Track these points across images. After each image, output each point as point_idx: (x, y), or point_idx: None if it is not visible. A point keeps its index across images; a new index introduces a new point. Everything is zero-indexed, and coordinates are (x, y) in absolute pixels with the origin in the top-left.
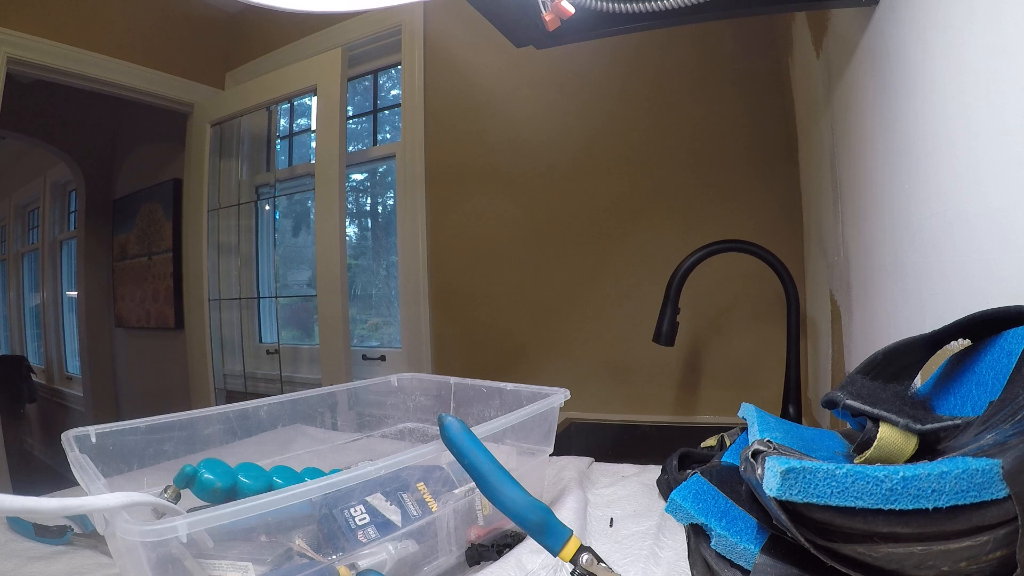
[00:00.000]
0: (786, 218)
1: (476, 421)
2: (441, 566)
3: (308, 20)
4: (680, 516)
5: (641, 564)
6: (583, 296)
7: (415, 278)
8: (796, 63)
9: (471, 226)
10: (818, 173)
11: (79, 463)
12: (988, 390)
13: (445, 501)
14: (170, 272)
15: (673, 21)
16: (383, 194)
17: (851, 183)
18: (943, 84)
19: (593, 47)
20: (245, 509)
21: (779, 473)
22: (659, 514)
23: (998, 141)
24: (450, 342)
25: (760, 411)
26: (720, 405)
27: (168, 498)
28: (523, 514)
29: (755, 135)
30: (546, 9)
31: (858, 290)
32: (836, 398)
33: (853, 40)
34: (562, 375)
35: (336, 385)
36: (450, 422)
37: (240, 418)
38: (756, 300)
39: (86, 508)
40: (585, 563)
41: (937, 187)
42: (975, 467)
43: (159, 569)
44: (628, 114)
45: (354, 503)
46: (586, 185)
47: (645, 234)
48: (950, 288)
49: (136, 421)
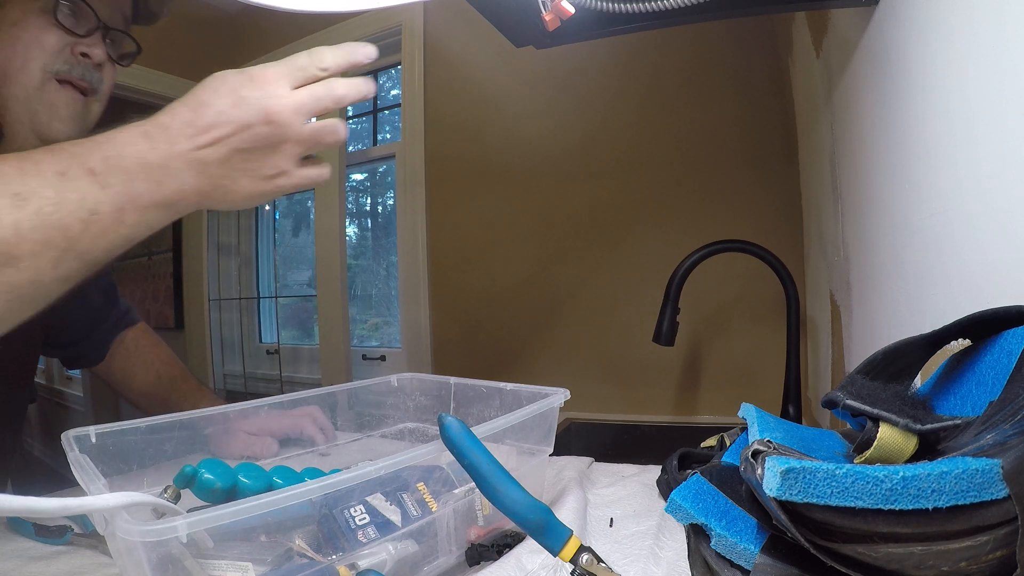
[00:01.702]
0: (786, 218)
1: (476, 421)
2: (441, 566)
3: (308, 20)
4: (680, 516)
5: (641, 564)
6: (583, 296)
7: (415, 278)
8: (796, 63)
9: (471, 226)
10: (818, 173)
11: (79, 463)
12: (988, 390)
13: (445, 501)
14: (170, 272)
15: (673, 21)
16: (383, 194)
17: (851, 183)
18: (943, 84)
19: (593, 47)
20: (245, 509)
21: (779, 473)
22: (659, 514)
23: (1000, 141)
24: (450, 342)
25: (760, 411)
26: (720, 405)
27: (168, 498)
28: (523, 514)
29: (755, 135)
30: (546, 9)
31: (858, 290)
32: (836, 398)
33: (853, 40)
34: (562, 375)
35: (336, 385)
36: (450, 422)
37: (240, 418)
38: (756, 300)
39: (86, 508)
40: (585, 563)
41: (937, 187)
42: (975, 467)
43: (159, 569)
44: (627, 114)
45: (354, 503)
46: (586, 185)
47: (645, 234)
48: (950, 288)
49: (136, 421)
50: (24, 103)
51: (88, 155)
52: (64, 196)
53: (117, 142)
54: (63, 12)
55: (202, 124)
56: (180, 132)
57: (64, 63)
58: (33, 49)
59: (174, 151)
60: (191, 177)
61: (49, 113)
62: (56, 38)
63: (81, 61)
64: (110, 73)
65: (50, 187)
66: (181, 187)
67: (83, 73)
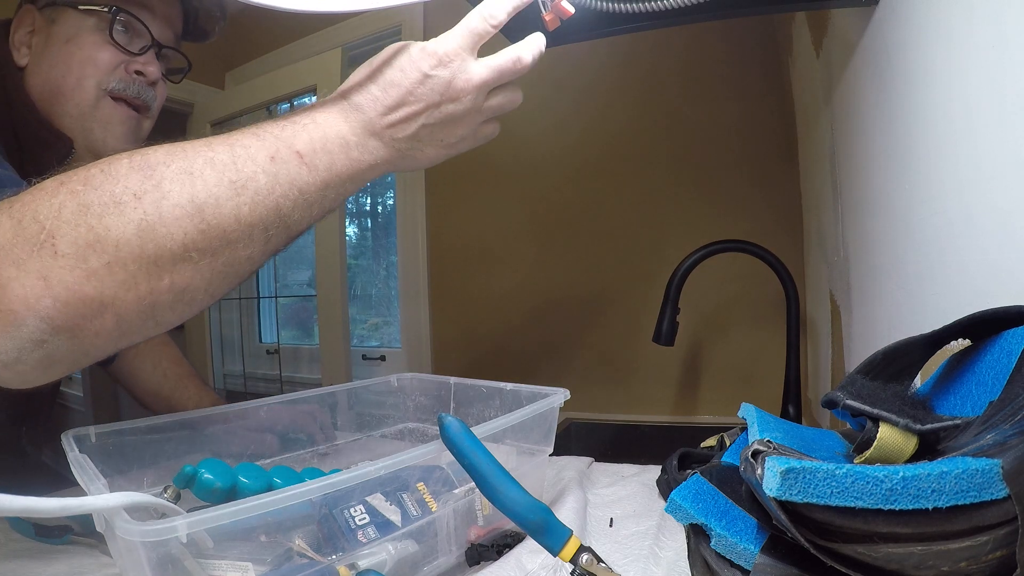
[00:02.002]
0: (786, 218)
1: (476, 421)
2: (441, 566)
3: (308, 20)
4: (680, 516)
5: (641, 564)
6: (583, 296)
7: (415, 278)
8: (796, 63)
9: (471, 226)
10: (818, 173)
11: (79, 463)
12: (988, 390)
13: (445, 501)
14: None
15: (673, 21)
16: (383, 194)
17: (851, 183)
18: (943, 84)
19: (593, 47)
20: (245, 509)
21: (779, 473)
22: (659, 514)
23: (1000, 140)
24: (450, 342)
25: (760, 411)
26: (720, 405)
27: (168, 498)
28: (523, 514)
29: (755, 135)
30: (546, 9)
31: (858, 290)
32: (836, 398)
33: (853, 40)
34: (562, 375)
35: (336, 385)
36: (450, 422)
37: (240, 418)
38: (756, 300)
39: (86, 508)
40: (585, 563)
41: (938, 187)
42: (975, 467)
43: (159, 569)
44: (628, 114)
45: (354, 503)
46: (587, 184)
47: (645, 234)
48: (950, 288)
49: (136, 421)
50: (78, 120)
51: (294, 138)
52: (276, 180)
53: (319, 124)
54: (117, 30)
55: (392, 103)
56: (373, 110)
57: (119, 81)
58: (88, 66)
59: (369, 130)
60: (382, 151)
61: (104, 130)
62: (110, 55)
63: (136, 79)
64: (162, 90)
65: (264, 173)
66: (375, 161)
67: (138, 91)
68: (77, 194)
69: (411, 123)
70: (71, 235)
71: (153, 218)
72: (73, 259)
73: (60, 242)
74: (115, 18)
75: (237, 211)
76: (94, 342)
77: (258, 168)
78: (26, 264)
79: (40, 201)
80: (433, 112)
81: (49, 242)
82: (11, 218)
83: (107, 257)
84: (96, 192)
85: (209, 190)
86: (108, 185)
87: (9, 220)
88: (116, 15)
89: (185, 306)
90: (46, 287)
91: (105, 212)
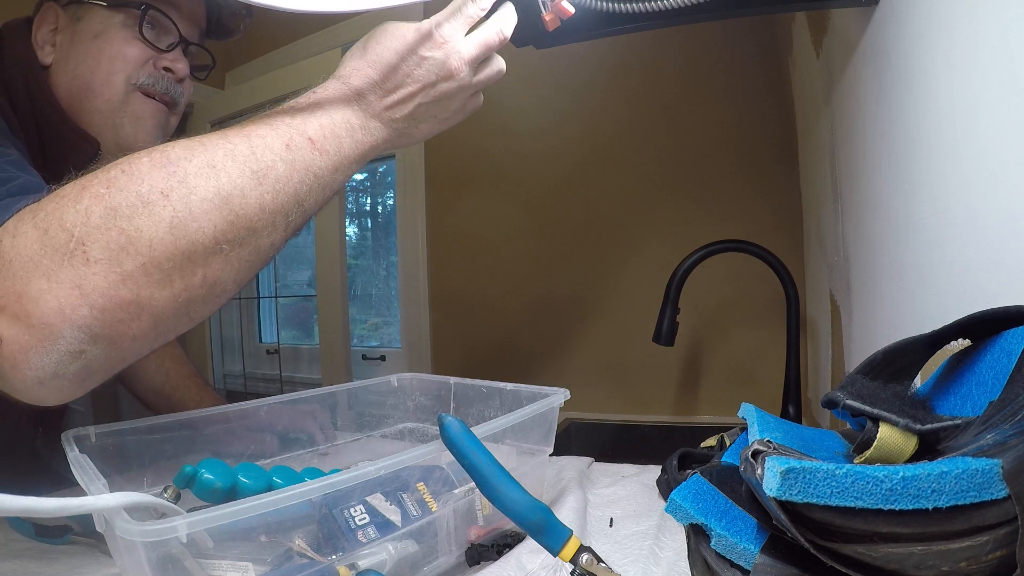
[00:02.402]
0: (786, 218)
1: (476, 421)
2: (441, 566)
3: (308, 20)
4: (680, 516)
5: (641, 564)
6: (583, 296)
7: (415, 278)
8: (796, 63)
9: (471, 226)
10: (818, 173)
11: (79, 463)
12: (988, 390)
13: (445, 501)
14: None
15: (674, 21)
16: (383, 194)
17: (851, 183)
18: (944, 84)
19: (594, 47)
20: (245, 509)
21: (779, 473)
22: (659, 514)
23: (1000, 140)
24: (450, 342)
25: (760, 411)
26: (720, 405)
27: (168, 498)
28: (523, 514)
29: (755, 135)
30: (546, 9)
31: (858, 290)
32: (836, 398)
33: (853, 40)
34: (562, 375)
35: (336, 385)
36: (450, 422)
37: (240, 418)
38: (756, 300)
39: (86, 508)
40: (585, 563)
41: (939, 187)
42: (975, 467)
43: (159, 569)
44: (627, 113)
45: (354, 503)
46: (587, 184)
47: (645, 234)
48: (950, 288)
49: (136, 421)
50: (108, 116)
51: (305, 125)
52: (293, 167)
53: (326, 109)
54: (146, 27)
55: (390, 86)
56: (372, 94)
57: (148, 76)
58: (117, 61)
59: (370, 113)
60: (383, 131)
61: (134, 125)
62: (139, 51)
63: (164, 76)
64: (188, 86)
65: (281, 161)
66: (376, 142)
67: (167, 87)
68: (102, 197)
69: (408, 103)
70: (102, 240)
71: (184, 214)
72: (107, 264)
73: (92, 248)
74: (144, 14)
75: (261, 200)
76: (131, 346)
77: (276, 157)
78: (57, 275)
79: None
80: (429, 91)
81: (80, 250)
82: (36, 228)
83: (141, 259)
84: (122, 193)
85: (233, 182)
86: (133, 185)
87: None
88: (145, 11)
89: (216, 298)
90: (81, 296)
91: (135, 213)
